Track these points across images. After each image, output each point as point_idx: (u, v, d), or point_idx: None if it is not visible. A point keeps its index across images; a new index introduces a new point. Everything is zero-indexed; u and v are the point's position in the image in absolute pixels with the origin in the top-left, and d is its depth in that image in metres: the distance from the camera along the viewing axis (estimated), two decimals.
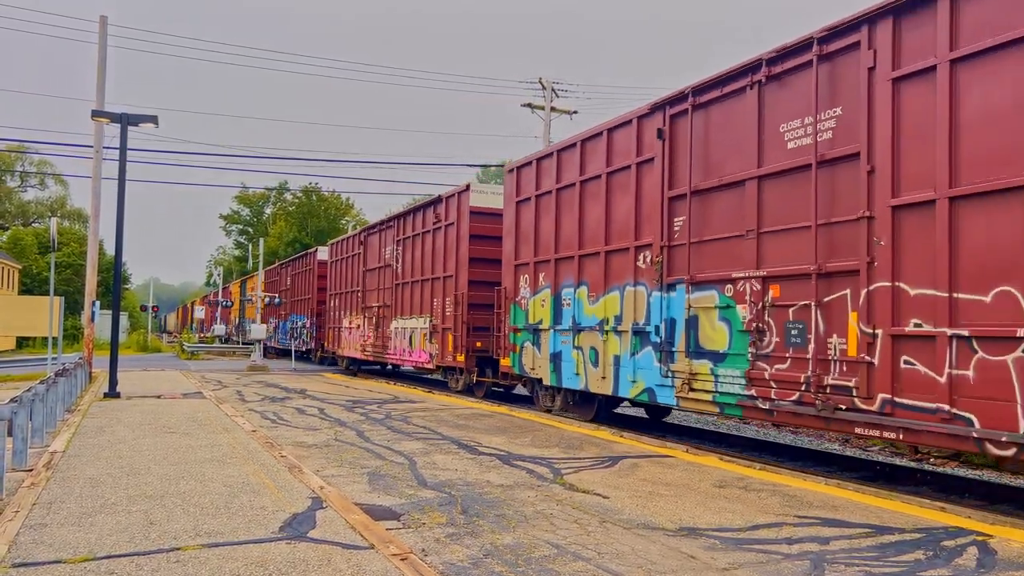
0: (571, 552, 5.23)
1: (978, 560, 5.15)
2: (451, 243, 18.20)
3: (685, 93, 10.56)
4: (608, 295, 12.15)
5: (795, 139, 8.93)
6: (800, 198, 8.75)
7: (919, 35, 7.56)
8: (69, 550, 5.21)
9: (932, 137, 7.31)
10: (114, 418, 12.45)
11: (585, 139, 12.95)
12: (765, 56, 9.25)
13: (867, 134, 7.97)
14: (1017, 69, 6.71)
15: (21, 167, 74.17)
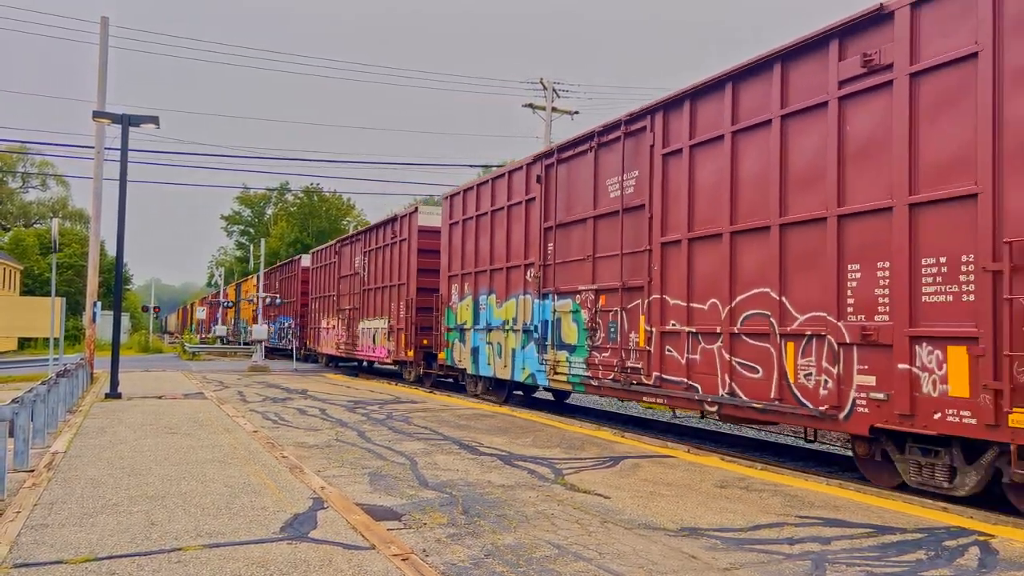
0: (572, 552, 5.23)
1: (980, 560, 5.14)
2: (404, 256, 21.24)
3: (553, 150, 13.96)
4: (508, 301, 15.35)
5: (613, 191, 12.19)
6: (615, 234, 12.02)
7: (676, 126, 10.82)
8: (70, 550, 5.21)
9: (681, 197, 10.62)
10: (115, 419, 12.46)
11: (495, 178, 16.32)
12: (597, 129, 12.61)
13: (648, 192, 11.27)
14: (716, 158, 10.09)
15: (22, 168, 74.25)
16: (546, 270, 13.90)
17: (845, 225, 8.20)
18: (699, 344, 10.13)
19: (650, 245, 11.13)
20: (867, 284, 7.94)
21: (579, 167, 13.12)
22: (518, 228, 15.03)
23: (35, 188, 77.30)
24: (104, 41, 22.00)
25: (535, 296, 14.12)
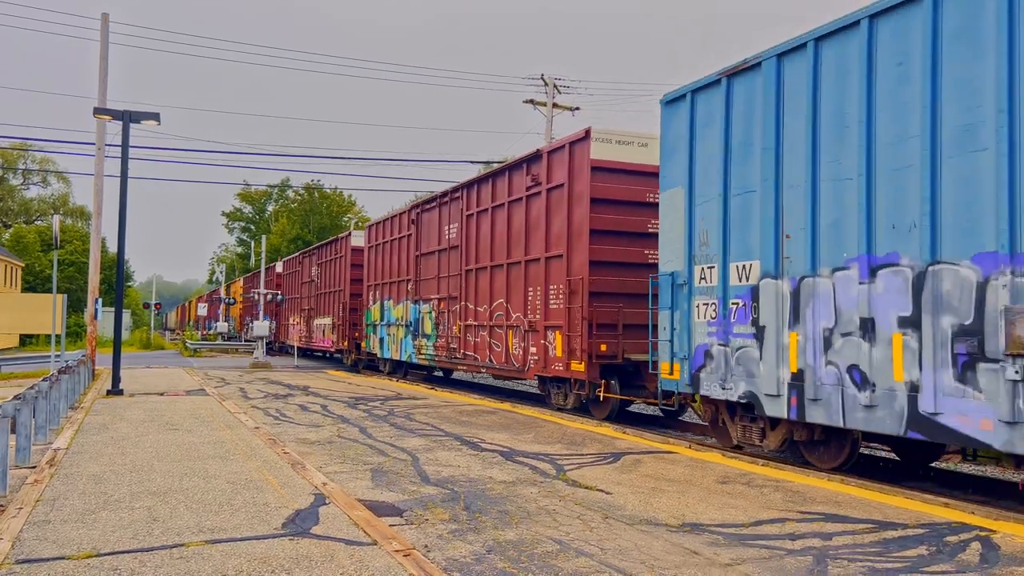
0: (574, 548, 5.23)
1: (981, 555, 5.14)
2: (341, 268, 27.84)
3: (419, 203, 20.72)
4: (399, 305, 21.86)
5: (447, 235, 18.63)
6: (447, 262, 18.58)
7: (472, 198, 17.31)
8: (73, 547, 5.22)
9: (477, 241, 16.93)
10: (117, 415, 12.47)
11: (392, 216, 22.99)
12: (440, 193, 19.12)
13: (461, 237, 17.70)
14: (485, 220, 16.58)
15: (24, 165, 74.24)
16: (416, 284, 20.53)
17: (528, 266, 14.82)
18: (480, 332, 16.73)
19: (460, 271, 17.71)
20: (535, 299, 14.50)
21: (432, 217, 19.67)
22: (404, 254, 21.60)
23: (36, 185, 77.35)
24: (105, 38, 21.98)
25: (411, 301, 20.77)
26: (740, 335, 9.12)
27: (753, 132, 9.06)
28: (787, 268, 8.48)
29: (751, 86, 9.11)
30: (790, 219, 8.46)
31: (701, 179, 9.91)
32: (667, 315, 10.31)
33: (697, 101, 10.04)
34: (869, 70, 7.63)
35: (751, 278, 9.01)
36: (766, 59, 8.87)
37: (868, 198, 7.54)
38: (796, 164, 8.42)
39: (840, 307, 7.85)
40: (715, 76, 9.68)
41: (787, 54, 8.65)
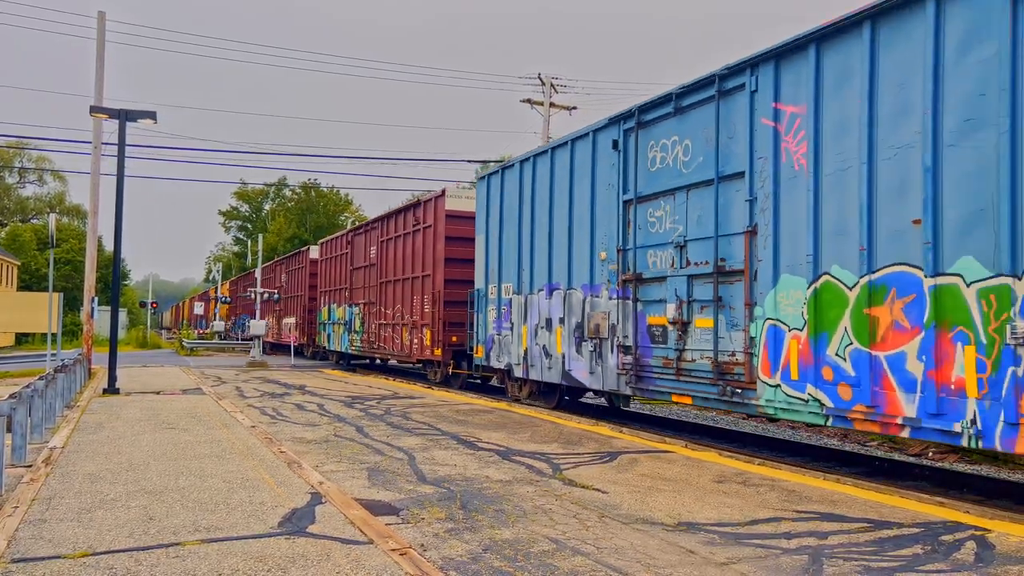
0: (570, 547, 5.24)
1: (976, 554, 5.16)
2: (302, 278, 34.00)
3: (348, 233, 26.53)
4: (339, 308, 27.32)
5: (370, 254, 23.86)
6: (371, 275, 23.68)
7: (384, 229, 22.73)
8: (68, 545, 5.21)
9: (387, 261, 22.34)
10: (113, 414, 12.46)
11: (337, 237, 28.67)
12: (370, 221, 24.45)
13: (379, 258, 22.85)
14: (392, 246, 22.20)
15: (20, 163, 74.06)
16: (350, 291, 26.02)
17: (413, 281, 20.18)
18: (390, 330, 21.85)
19: (377, 282, 23.05)
20: (417, 304, 19.70)
21: (361, 240, 25.16)
22: (343, 268, 27.12)
23: (32, 183, 77.14)
24: (101, 36, 21.93)
25: (347, 305, 26.28)
26: (505, 328, 15.40)
27: (513, 205, 15.10)
28: (522, 289, 14.76)
29: (513, 177, 15.21)
30: (525, 262, 14.62)
31: (491, 230, 16.06)
32: (476, 316, 16.73)
33: (490, 181, 16.21)
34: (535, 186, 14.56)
35: (509, 294, 15.27)
36: (520, 161, 14.95)
37: (549, 256, 13.78)
38: (524, 230, 14.69)
39: (540, 312, 14.01)
40: (497, 168, 16.03)
41: (528, 161, 14.70)
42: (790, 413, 8.66)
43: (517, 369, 14.77)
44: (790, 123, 8.73)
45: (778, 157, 8.85)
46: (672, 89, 10.62)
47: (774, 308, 8.79)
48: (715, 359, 9.70)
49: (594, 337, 12.21)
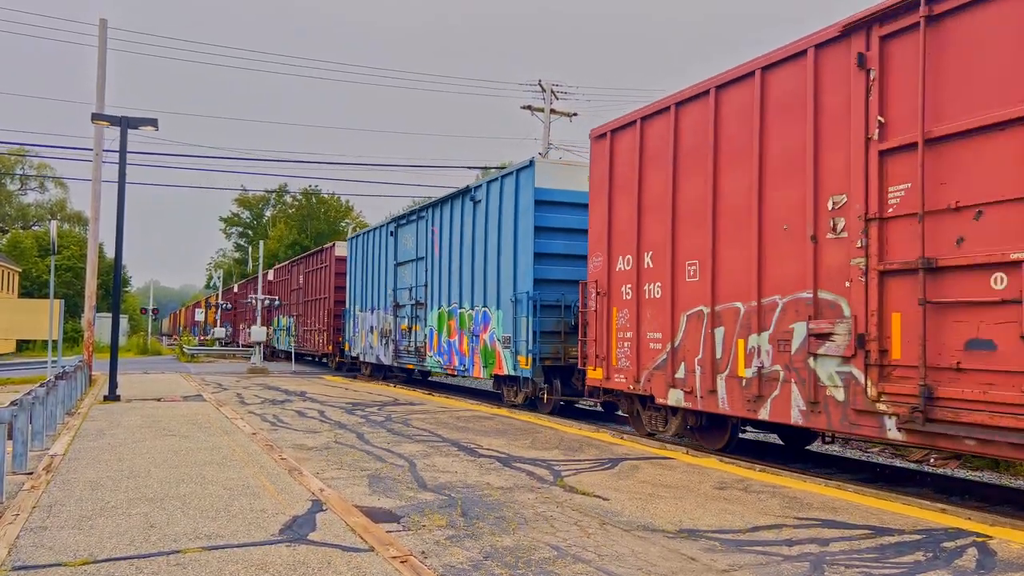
0: (571, 554, 5.23)
1: (978, 561, 5.15)
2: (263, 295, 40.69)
3: (288, 263, 37.43)
4: (285, 318, 35.25)
5: (299, 281, 33.65)
6: (299, 296, 33.35)
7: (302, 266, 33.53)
8: (69, 553, 5.21)
9: (308, 286, 32.60)
10: (114, 421, 12.45)
11: (282, 265, 38.26)
12: (296, 259, 35.93)
13: (304, 285, 32.74)
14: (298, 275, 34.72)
15: (21, 170, 74.18)
16: (290, 306, 34.36)
17: (319, 301, 30.12)
18: (310, 333, 30.49)
19: (302, 301, 31.94)
20: (323, 316, 29.41)
21: (296, 269, 34.13)
22: (287, 288, 34.93)
23: (33, 190, 77.24)
24: (102, 43, 21.99)
25: (284, 316, 35.07)
26: (357, 332, 25.25)
27: (358, 259, 25.28)
28: (364, 308, 24.39)
29: (360, 242, 25.03)
30: (363, 293, 24.85)
31: (352, 271, 26.22)
32: (346, 324, 26.52)
33: (353, 242, 25.75)
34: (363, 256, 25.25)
35: (358, 311, 25.18)
36: (364, 233, 24.65)
37: (369, 291, 24.20)
38: (363, 274, 24.70)
39: (368, 322, 24.00)
40: (358, 234, 25.44)
41: (367, 234, 24.61)
42: (434, 367, 19.38)
43: (361, 356, 24.89)
44: (438, 235, 18.90)
45: (433, 250, 19.19)
46: (405, 212, 21.86)
47: (434, 321, 18.89)
48: (417, 345, 19.90)
49: (385, 336, 22.32)
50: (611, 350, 11.59)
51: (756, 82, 9.13)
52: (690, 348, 9.99)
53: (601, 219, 11.92)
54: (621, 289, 11.46)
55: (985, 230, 6.75)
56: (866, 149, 7.75)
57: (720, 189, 9.65)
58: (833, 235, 8.10)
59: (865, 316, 7.66)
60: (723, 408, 9.47)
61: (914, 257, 7.20)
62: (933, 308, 7.06)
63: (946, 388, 6.93)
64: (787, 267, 8.62)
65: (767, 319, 8.87)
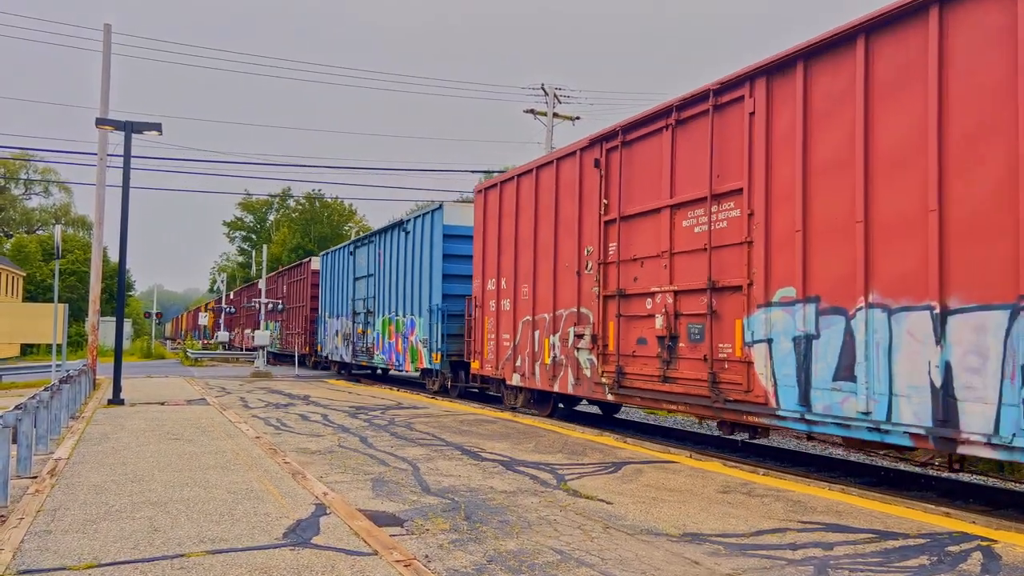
0: (575, 558, 5.23)
1: (983, 565, 5.14)
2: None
3: (275, 275, 40.51)
4: (272, 323, 39.30)
5: (282, 291, 37.39)
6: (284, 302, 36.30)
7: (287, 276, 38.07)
8: (73, 557, 5.22)
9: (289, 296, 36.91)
10: (118, 425, 12.47)
11: (270, 276, 39.03)
12: (281, 270, 39.66)
13: (287, 294, 36.59)
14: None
15: (25, 175, 74.39)
16: (276, 312, 36.48)
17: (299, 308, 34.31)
18: (291, 336, 34.59)
19: (286, 307, 35.52)
20: (301, 322, 33.74)
21: (283, 280, 38.00)
22: (275, 296, 37.15)
23: (38, 195, 77.48)
24: (107, 48, 22.07)
25: (272, 321, 37.79)
26: (327, 335, 29.25)
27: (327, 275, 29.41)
28: (332, 315, 28.43)
29: (329, 259, 29.18)
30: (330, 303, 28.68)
31: (324, 285, 29.93)
32: (319, 328, 31.01)
33: (325, 259, 29.73)
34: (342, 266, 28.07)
35: (327, 318, 29.22)
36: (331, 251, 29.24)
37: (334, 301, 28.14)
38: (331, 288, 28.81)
39: (335, 327, 27.94)
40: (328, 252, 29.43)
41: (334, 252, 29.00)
42: (380, 364, 22.92)
43: (329, 355, 28.57)
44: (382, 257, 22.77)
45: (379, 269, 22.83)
46: (361, 237, 25.63)
47: (380, 326, 22.30)
48: (368, 346, 23.68)
49: (347, 338, 25.99)
50: (484, 347, 16.02)
51: (554, 168, 13.57)
52: (523, 345, 14.45)
53: (479, 251, 16.33)
54: (489, 303, 15.81)
55: (645, 273, 11.10)
56: (600, 220, 12.12)
57: (537, 236, 14.05)
58: (587, 272, 12.54)
59: (598, 323, 12.09)
60: (539, 385, 13.89)
61: (616, 288, 11.66)
62: (624, 319, 11.50)
63: (629, 367, 11.34)
64: (567, 291, 13.03)
65: (558, 324, 13.29)
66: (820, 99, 8.40)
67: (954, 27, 7.08)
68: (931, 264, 7.09)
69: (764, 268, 8.97)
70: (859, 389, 7.73)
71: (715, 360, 9.64)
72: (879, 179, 7.68)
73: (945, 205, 7.04)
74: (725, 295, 9.56)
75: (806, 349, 8.37)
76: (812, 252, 8.37)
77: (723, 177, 9.66)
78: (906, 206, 7.41)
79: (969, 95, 6.93)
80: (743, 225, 9.27)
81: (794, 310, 8.54)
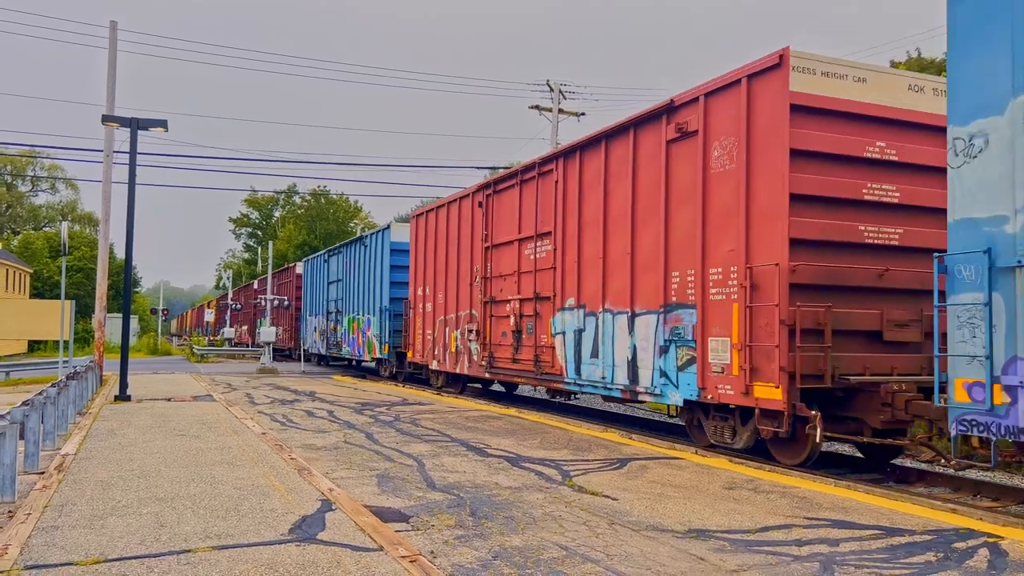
0: (580, 554, 5.23)
1: (989, 562, 5.12)
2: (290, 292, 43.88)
3: (262, 276, 46.74)
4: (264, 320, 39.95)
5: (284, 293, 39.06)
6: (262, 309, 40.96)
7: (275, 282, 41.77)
8: (80, 552, 5.24)
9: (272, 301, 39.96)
10: (125, 421, 12.52)
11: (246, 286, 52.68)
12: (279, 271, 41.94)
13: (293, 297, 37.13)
14: None
15: (32, 172, 74.63)
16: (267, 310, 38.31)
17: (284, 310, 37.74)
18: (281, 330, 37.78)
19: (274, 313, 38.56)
20: (287, 322, 37.63)
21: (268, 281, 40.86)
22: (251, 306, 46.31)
23: (45, 192, 77.69)
24: (113, 46, 22.10)
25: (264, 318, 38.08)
26: (309, 332, 33.21)
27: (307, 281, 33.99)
28: (311, 314, 32.52)
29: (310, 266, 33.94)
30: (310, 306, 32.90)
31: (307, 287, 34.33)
32: (302, 326, 34.77)
33: (307, 265, 34.29)
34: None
35: (308, 316, 33.40)
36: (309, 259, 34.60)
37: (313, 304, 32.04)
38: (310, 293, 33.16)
39: (314, 325, 31.91)
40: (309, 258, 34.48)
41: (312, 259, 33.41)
42: (346, 355, 26.78)
43: (309, 349, 32.08)
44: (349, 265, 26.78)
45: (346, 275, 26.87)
46: (335, 247, 29.00)
47: (346, 323, 26.25)
48: (338, 340, 27.32)
49: (323, 334, 29.37)
50: (415, 340, 20.36)
51: (458, 205, 17.81)
52: (439, 338, 18.72)
53: (412, 265, 20.67)
54: (419, 305, 20.07)
55: (506, 286, 15.31)
56: (484, 246, 16.24)
57: (448, 255, 18.25)
58: (476, 283, 16.61)
59: (481, 321, 16.21)
60: (448, 368, 18.21)
61: (490, 296, 15.92)
62: (494, 318, 15.74)
63: (497, 353, 15.60)
64: (465, 297, 17.17)
65: (459, 323, 17.44)
66: (588, 176, 12.65)
67: (641, 143, 11.39)
68: (629, 285, 11.42)
69: (561, 285, 13.27)
70: (600, 363, 12.11)
71: (538, 346, 13.91)
72: (610, 232, 12.00)
73: (634, 251, 11.38)
74: (544, 302, 13.81)
75: (578, 338, 12.71)
76: (583, 276, 12.68)
77: (543, 222, 13.97)
78: (620, 250, 11.72)
79: (644, 187, 11.25)
80: (552, 256, 13.57)
81: (574, 313, 12.84)
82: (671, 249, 10.54)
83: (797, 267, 8.70)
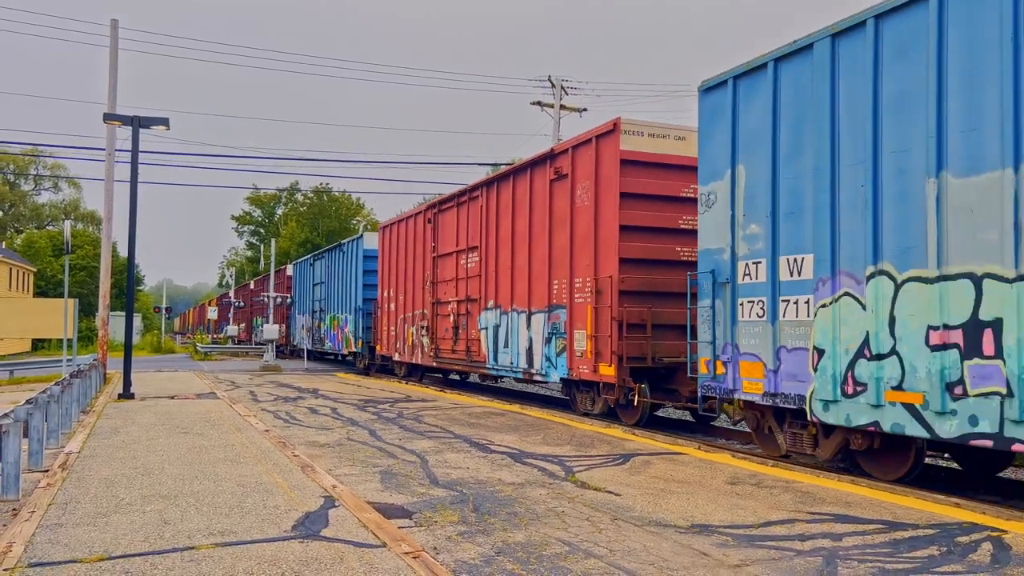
0: (583, 550, 5.23)
1: (993, 556, 5.12)
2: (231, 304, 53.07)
3: (259, 277, 50.92)
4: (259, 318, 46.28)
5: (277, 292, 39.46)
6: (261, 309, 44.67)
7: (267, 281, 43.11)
8: (84, 550, 5.26)
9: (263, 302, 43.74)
10: (128, 419, 12.55)
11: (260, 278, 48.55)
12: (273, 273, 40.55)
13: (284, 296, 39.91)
14: None
15: (35, 170, 74.77)
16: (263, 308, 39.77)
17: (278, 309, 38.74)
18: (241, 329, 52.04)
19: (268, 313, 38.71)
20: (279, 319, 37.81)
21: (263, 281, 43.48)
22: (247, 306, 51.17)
23: (47, 190, 77.93)
24: (114, 44, 22.11)
25: (259, 316, 41.42)
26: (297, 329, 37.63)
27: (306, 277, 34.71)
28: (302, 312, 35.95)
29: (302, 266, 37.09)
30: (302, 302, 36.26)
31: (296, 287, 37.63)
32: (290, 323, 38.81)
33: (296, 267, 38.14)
34: None
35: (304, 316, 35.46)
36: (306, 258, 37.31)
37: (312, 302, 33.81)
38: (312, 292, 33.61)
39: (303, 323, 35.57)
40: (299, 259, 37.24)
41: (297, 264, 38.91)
42: (328, 349, 30.21)
43: (298, 344, 34.10)
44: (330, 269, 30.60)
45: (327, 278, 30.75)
46: (322, 250, 31.62)
47: (329, 321, 29.53)
48: (321, 336, 30.87)
49: (310, 331, 31.57)
50: (382, 335, 23.53)
51: (414, 220, 20.87)
52: (400, 334, 21.73)
53: (380, 270, 23.70)
54: (385, 305, 23.24)
55: (448, 289, 18.35)
56: (432, 256, 19.28)
57: (406, 262, 21.28)
58: (427, 287, 19.54)
59: (430, 319, 19.24)
60: (407, 359, 21.22)
61: (437, 298, 18.97)
62: (440, 317, 18.75)
63: (442, 345, 18.63)
64: (419, 299, 20.14)
65: (415, 320, 20.41)
66: (503, 203, 15.66)
67: (535, 180, 14.60)
68: (527, 290, 14.59)
69: (485, 289, 16.32)
70: (509, 352, 15.20)
71: (469, 339, 17.03)
72: (516, 248, 15.10)
73: (531, 263, 14.52)
74: (473, 303, 16.88)
75: (495, 332, 15.78)
76: (499, 282, 15.69)
77: (473, 238, 16.99)
78: (522, 262, 14.84)
79: (537, 215, 14.40)
80: (479, 266, 16.60)
81: (494, 312, 15.88)
82: (553, 263, 13.76)
83: (625, 278, 11.92)
